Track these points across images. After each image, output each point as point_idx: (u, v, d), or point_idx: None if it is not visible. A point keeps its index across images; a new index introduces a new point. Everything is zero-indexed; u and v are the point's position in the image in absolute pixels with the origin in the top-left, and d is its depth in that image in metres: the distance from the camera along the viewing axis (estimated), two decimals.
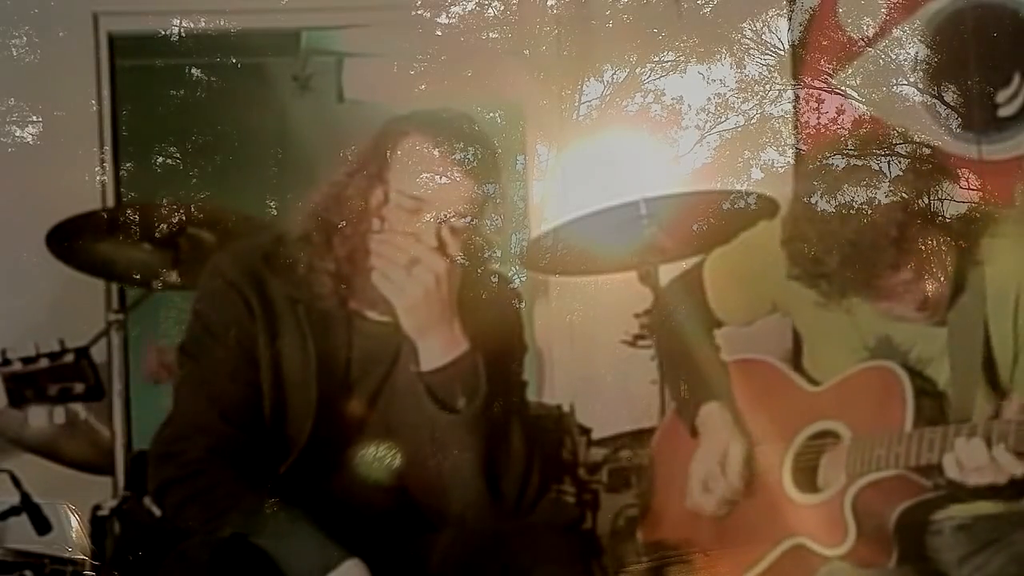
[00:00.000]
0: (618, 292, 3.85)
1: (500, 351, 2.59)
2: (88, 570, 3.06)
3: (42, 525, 2.97)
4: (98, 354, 2.79)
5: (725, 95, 5.06)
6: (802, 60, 4.42)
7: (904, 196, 2.68)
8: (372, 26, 5.15)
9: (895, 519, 2.76)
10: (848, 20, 4.33)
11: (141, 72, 5.57)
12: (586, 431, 3.80)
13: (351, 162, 2.54)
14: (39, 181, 4.55)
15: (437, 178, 2.48)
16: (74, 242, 3.67)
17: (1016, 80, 3.99)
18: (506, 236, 2.73)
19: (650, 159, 4.77)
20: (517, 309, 2.70)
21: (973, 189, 3.76)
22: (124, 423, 3.62)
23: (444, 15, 5.07)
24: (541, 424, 3.60)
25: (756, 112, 5.04)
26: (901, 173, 2.73)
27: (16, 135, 4.76)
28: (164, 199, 3.82)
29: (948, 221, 2.72)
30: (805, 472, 2.89)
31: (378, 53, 5.27)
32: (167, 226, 3.64)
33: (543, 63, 5.03)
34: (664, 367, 3.29)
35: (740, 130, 5.08)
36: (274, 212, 5.33)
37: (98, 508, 3.45)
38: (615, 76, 5.10)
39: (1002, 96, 4.01)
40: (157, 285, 3.68)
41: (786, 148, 4.76)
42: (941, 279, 2.72)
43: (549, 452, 3.57)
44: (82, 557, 3.08)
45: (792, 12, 4.45)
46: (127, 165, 5.24)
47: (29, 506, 2.96)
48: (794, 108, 4.44)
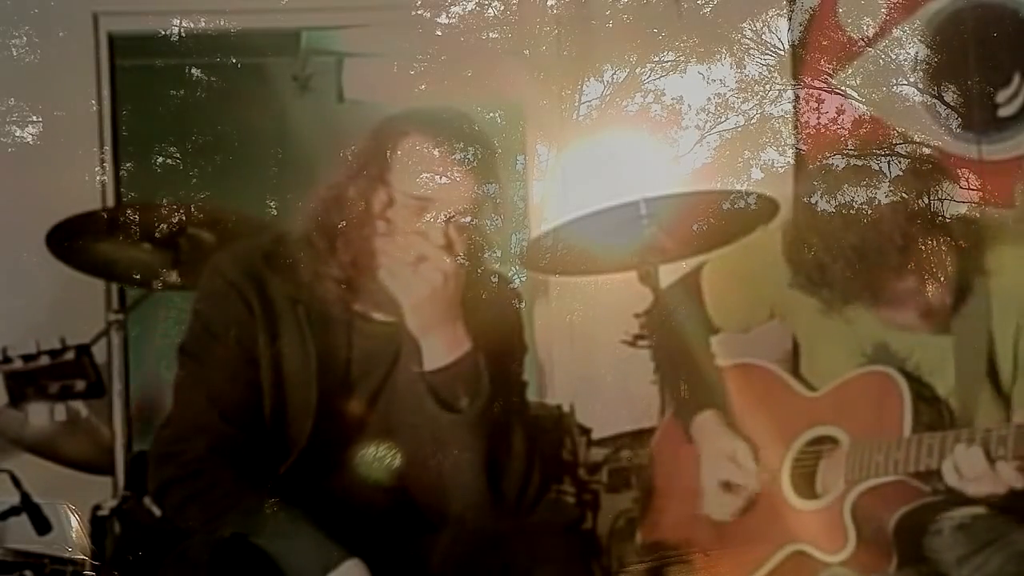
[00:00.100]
0: (618, 292, 3.84)
1: (500, 351, 2.59)
2: (88, 570, 3.06)
3: (42, 525, 2.97)
4: (98, 354, 2.79)
5: (725, 95, 5.06)
6: (802, 60, 4.41)
7: (905, 196, 2.68)
8: (372, 26, 5.15)
9: (894, 524, 2.75)
10: (848, 20, 4.33)
11: (141, 72, 5.57)
12: (586, 431, 3.80)
13: (350, 164, 2.53)
14: (39, 181, 4.55)
15: (439, 178, 2.48)
16: (74, 242, 3.66)
17: (1016, 80, 3.98)
18: (506, 236, 2.73)
19: (650, 159, 4.77)
20: (517, 309, 2.70)
21: (973, 189, 3.76)
22: (124, 423, 3.62)
23: (444, 15, 5.07)
24: (541, 424, 3.60)
25: (756, 112, 5.05)
26: (901, 173, 2.73)
27: (16, 135, 4.76)
28: (164, 199, 3.82)
29: (952, 228, 2.71)
30: (804, 478, 2.88)
31: (378, 53, 5.27)
32: (167, 226, 3.63)
33: (543, 63, 5.03)
34: (661, 371, 3.30)
35: (740, 130, 5.08)
36: (274, 212, 5.33)
37: (98, 508, 3.45)
38: (615, 76, 5.10)
39: (1002, 96, 4.00)
40: (157, 285, 3.68)
41: (786, 148, 4.76)
42: (945, 287, 2.72)
43: (549, 452, 3.57)
44: (82, 557, 3.08)
45: (792, 12, 4.45)
46: (127, 165, 5.24)
47: (29, 506, 2.96)
48: (794, 108, 4.44)
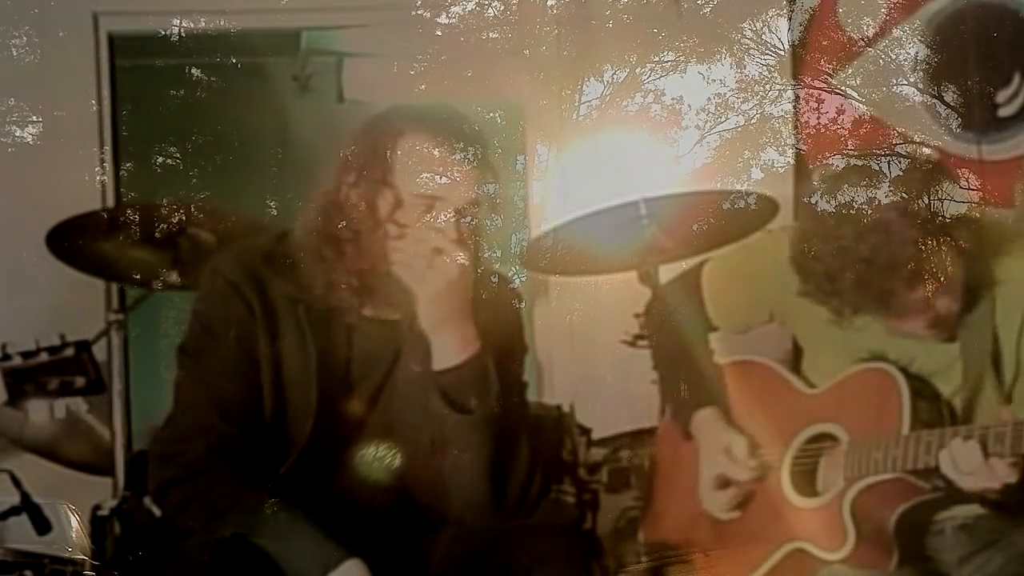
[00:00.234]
0: (618, 292, 3.84)
1: (500, 351, 2.58)
2: (88, 570, 3.06)
3: (42, 525, 2.97)
4: (98, 354, 2.79)
5: (725, 95, 5.05)
6: (802, 60, 4.42)
7: (908, 197, 2.68)
8: (372, 26, 5.15)
9: (895, 521, 2.76)
10: (848, 20, 4.33)
11: (141, 72, 5.57)
12: (586, 431, 3.80)
13: (348, 167, 2.51)
14: (39, 181, 4.55)
15: (440, 177, 2.47)
16: (74, 242, 3.66)
17: (1016, 80, 3.98)
18: (506, 236, 2.73)
19: (650, 159, 4.76)
20: (517, 309, 2.70)
21: (973, 189, 3.77)
22: (124, 423, 3.62)
23: (444, 15, 5.07)
24: (541, 424, 3.60)
25: (756, 112, 5.04)
26: (902, 173, 2.73)
27: (16, 135, 4.76)
28: (164, 199, 3.82)
29: (958, 231, 2.71)
30: (804, 475, 2.89)
31: (378, 53, 5.27)
32: (167, 226, 3.63)
33: (543, 63, 5.03)
34: (659, 369, 3.30)
35: (740, 130, 5.08)
36: (274, 212, 5.33)
37: (98, 508, 3.45)
38: (615, 76, 5.09)
39: (1002, 96, 4.01)
40: (157, 285, 3.68)
41: (786, 148, 4.76)
42: (954, 295, 2.72)
43: (549, 452, 3.57)
44: (82, 557, 3.08)
45: (792, 12, 4.45)
46: (127, 165, 5.24)
47: (29, 506, 2.96)
48: (794, 108, 4.44)
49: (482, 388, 2.50)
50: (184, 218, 3.64)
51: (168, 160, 6.07)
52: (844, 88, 4.32)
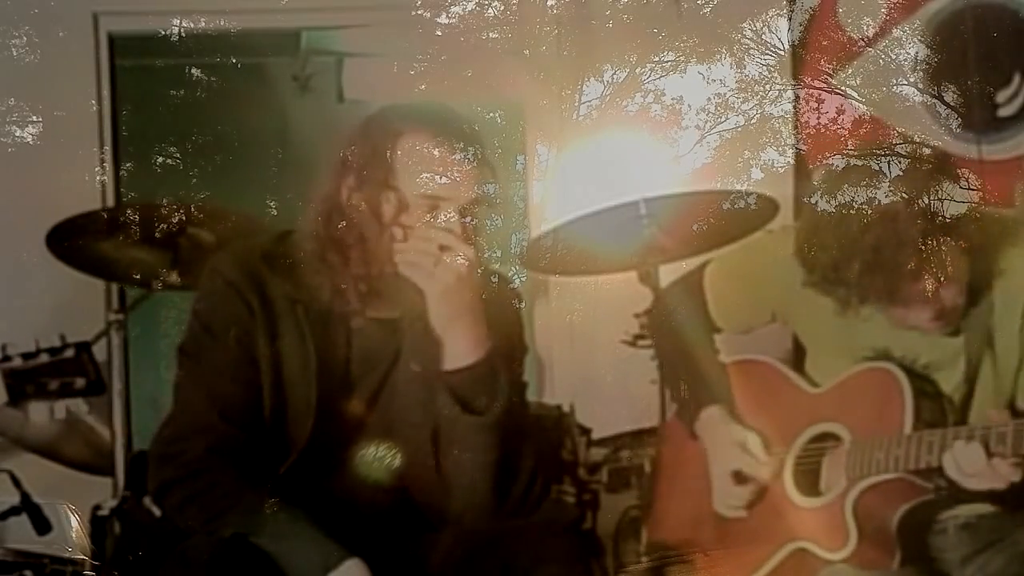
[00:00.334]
0: (618, 292, 3.84)
1: (501, 352, 2.58)
2: (88, 570, 3.06)
3: (42, 525, 2.97)
4: (98, 354, 2.79)
5: (725, 95, 5.05)
6: (802, 60, 4.41)
7: (914, 192, 2.68)
8: (372, 26, 5.15)
9: (897, 521, 2.76)
10: (848, 20, 4.33)
11: (141, 72, 5.56)
12: (586, 431, 3.80)
13: (347, 169, 2.50)
14: (39, 181, 4.55)
15: (441, 177, 2.47)
16: (74, 242, 3.67)
17: (1016, 80, 3.98)
18: (506, 236, 2.72)
19: (650, 159, 4.76)
20: (517, 309, 2.69)
21: (973, 189, 3.76)
22: (124, 423, 3.62)
23: (444, 15, 5.07)
24: (541, 424, 3.60)
25: (756, 112, 5.04)
26: (902, 173, 2.73)
27: (16, 135, 4.76)
28: (164, 199, 3.81)
29: (964, 226, 2.71)
30: (806, 475, 2.89)
31: (378, 53, 5.27)
32: (167, 226, 3.64)
33: (543, 63, 5.03)
34: (663, 369, 3.30)
35: (740, 130, 5.07)
36: (274, 212, 5.32)
37: (98, 508, 3.45)
38: (615, 76, 5.09)
39: (1002, 96, 4.00)
40: (157, 285, 3.68)
41: (786, 148, 4.76)
42: (959, 289, 2.72)
43: (549, 452, 3.57)
44: (82, 557, 3.08)
45: (792, 12, 4.45)
46: (127, 165, 5.23)
47: (29, 506, 2.96)
48: (794, 108, 4.44)
49: (493, 389, 2.50)
50: (184, 218, 3.64)
51: (168, 160, 6.06)
52: (844, 88, 4.32)
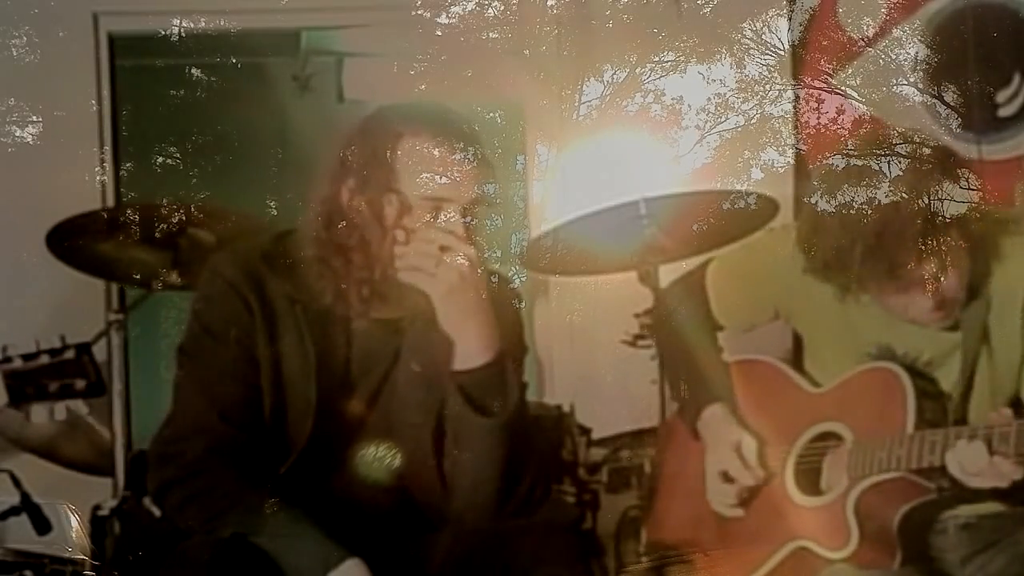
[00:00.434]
0: (618, 292, 3.84)
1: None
2: (88, 570, 3.06)
3: (42, 525, 2.97)
4: (98, 354, 2.79)
5: (725, 95, 5.05)
6: (802, 60, 4.41)
7: (911, 183, 2.68)
8: (372, 26, 5.15)
9: (898, 521, 2.76)
10: (848, 20, 4.33)
11: (141, 72, 5.57)
12: (586, 431, 3.81)
13: (348, 171, 2.49)
14: (39, 181, 4.55)
15: (442, 177, 2.46)
16: (74, 242, 3.67)
17: (1016, 80, 3.98)
18: (506, 236, 2.72)
19: (650, 159, 4.76)
20: (517, 309, 2.69)
21: (973, 189, 3.76)
22: (124, 423, 3.62)
23: (444, 15, 5.07)
24: (541, 424, 3.60)
25: (756, 112, 5.04)
26: (902, 173, 2.73)
27: (16, 135, 4.76)
28: (164, 199, 3.81)
29: (968, 226, 2.71)
30: (808, 474, 2.89)
31: (378, 53, 5.27)
32: (167, 226, 3.64)
33: (543, 63, 5.03)
34: (665, 368, 3.30)
35: (740, 130, 5.07)
36: (274, 212, 5.32)
37: (98, 508, 3.45)
38: (615, 76, 5.09)
39: (1002, 96, 4.00)
40: (157, 285, 3.68)
41: (786, 148, 4.76)
42: (960, 281, 2.72)
43: (549, 452, 3.57)
44: (82, 557, 3.08)
45: (792, 12, 4.45)
46: (127, 165, 5.24)
47: (29, 506, 2.96)
48: (794, 108, 4.44)
49: (504, 391, 2.49)
50: (184, 218, 3.64)
51: (168, 160, 6.06)
52: (844, 88, 4.32)
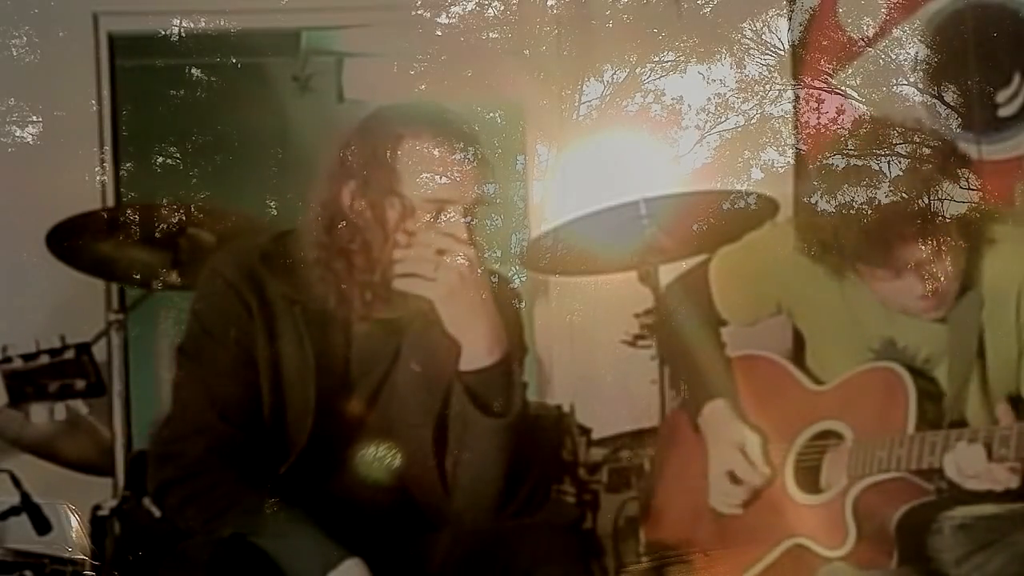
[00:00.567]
0: (618, 292, 3.85)
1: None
2: (88, 570, 3.06)
3: (42, 525, 2.97)
4: (98, 354, 2.79)
5: (725, 95, 5.06)
6: (802, 60, 4.41)
7: (919, 168, 2.69)
8: (372, 26, 5.15)
9: (896, 521, 2.76)
10: (848, 20, 4.33)
11: (141, 72, 5.57)
12: (586, 431, 3.81)
13: (348, 172, 2.49)
14: (39, 181, 4.55)
15: (442, 178, 2.46)
16: (74, 242, 3.67)
17: (1016, 80, 3.98)
18: (506, 236, 2.72)
19: (650, 159, 4.76)
20: (517, 309, 2.69)
21: (973, 189, 3.76)
22: (124, 423, 3.62)
23: (444, 15, 5.07)
24: (541, 424, 3.60)
25: (756, 112, 5.04)
26: (902, 172, 2.73)
27: (16, 135, 4.76)
28: (164, 199, 3.82)
29: (964, 225, 2.71)
30: (807, 472, 2.89)
31: (378, 53, 5.27)
32: (167, 226, 3.64)
33: (543, 63, 5.03)
34: (667, 364, 3.29)
35: (740, 130, 5.08)
36: (274, 212, 5.33)
37: (98, 508, 3.45)
38: (615, 76, 5.10)
39: (1002, 96, 4.00)
40: (157, 285, 3.68)
41: (786, 148, 4.76)
42: (953, 269, 2.72)
43: (549, 452, 3.58)
44: (82, 557, 3.08)
45: (792, 12, 4.45)
46: (127, 165, 5.24)
47: (29, 506, 2.96)
48: (794, 108, 4.43)
49: (510, 391, 2.49)
50: (184, 218, 3.64)
51: (168, 160, 6.07)
52: (844, 88, 4.31)
